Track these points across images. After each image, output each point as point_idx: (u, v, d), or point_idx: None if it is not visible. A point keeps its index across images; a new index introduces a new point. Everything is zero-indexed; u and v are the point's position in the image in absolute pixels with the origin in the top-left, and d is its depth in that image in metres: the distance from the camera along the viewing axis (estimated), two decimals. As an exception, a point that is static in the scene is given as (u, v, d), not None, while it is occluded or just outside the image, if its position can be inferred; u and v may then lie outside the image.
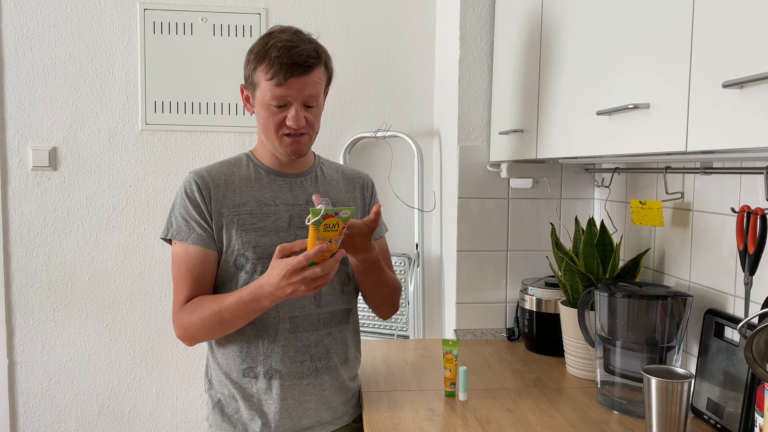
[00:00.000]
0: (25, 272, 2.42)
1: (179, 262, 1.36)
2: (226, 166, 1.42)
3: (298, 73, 1.29)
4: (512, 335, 2.04)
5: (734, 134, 0.86)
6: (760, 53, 0.81)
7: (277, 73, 1.28)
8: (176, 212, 1.37)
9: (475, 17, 2.07)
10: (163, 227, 1.39)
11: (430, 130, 2.53)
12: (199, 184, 1.36)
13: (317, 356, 1.39)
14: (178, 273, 1.36)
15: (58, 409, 2.48)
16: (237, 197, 1.38)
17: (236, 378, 1.38)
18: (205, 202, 1.36)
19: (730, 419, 1.29)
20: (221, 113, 2.45)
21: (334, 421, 1.43)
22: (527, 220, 2.10)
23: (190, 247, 1.35)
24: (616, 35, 1.23)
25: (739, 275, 1.36)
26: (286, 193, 1.41)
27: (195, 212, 1.35)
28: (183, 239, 1.35)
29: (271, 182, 1.41)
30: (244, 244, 1.35)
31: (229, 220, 1.36)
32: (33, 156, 2.38)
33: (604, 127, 1.26)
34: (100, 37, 2.40)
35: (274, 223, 1.38)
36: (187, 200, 1.36)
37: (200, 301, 1.33)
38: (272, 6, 2.45)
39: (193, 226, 1.35)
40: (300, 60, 1.29)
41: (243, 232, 1.36)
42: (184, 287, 1.36)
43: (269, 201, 1.39)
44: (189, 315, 1.33)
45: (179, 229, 1.36)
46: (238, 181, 1.40)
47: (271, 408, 1.37)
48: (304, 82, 1.30)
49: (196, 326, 1.32)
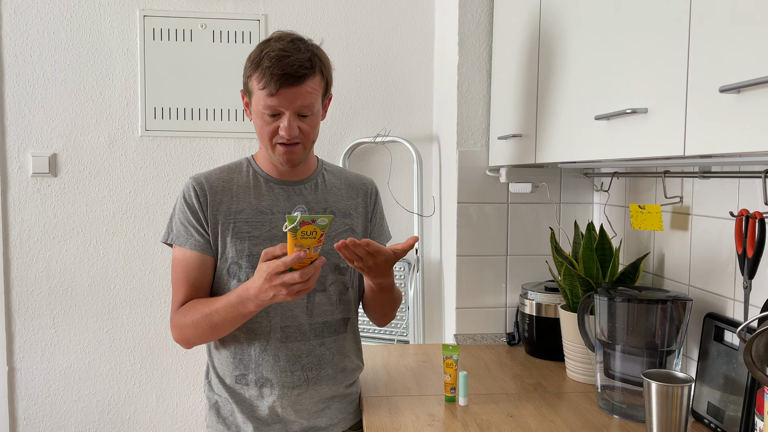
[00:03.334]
0: (25, 278, 2.42)
1: (178, 266, 1.38)
2: (226, 172, 1.43)
3: (289, 83, 1.27)
4: (512, 340, 2.04)
5: (732, 138, 0.86)
6: (757, 58, 0.81)
7: (268, 83, 1.27)
8: (176, 217, 1.39)
9: (473, 23, 2.07)
10: (164, 231, 1.41)
11: (430, 135, 2.54)
12: (197, 190, 1.37)
13: (308, 366, 1.39)
14: (176, 277, 1.38)
15: (58, 415, 2.47)
16: (234, 204, 1.38)
17: (230, 383, 1.39)
18: (202, 208, 1.37)
19: (731, 423, 1.29)
20: (221, 119, 2.46)
21: (329, 427, 1.43)
22: (527, 225, 2.10)
23: (188, 252, 1.36)
24: (614, 40, 1.23)
25: (738, 279, 1.36)
26: (284, 201, 1.40)
27: (193, 218, 1.36)
28: (182, 244, 1.37)
29: (269, 190, 1.41)
30: (237, 252, 1.35)
31: (225, 228, 1.36)
32: (33, 162, 2.38)
33: (602, 131, 1.26)
34: (100, 43, 2.40)
35: (269, 231, 1.37)
36: (186, 206, 1.37)
37: (194, 305, 1.35)
38: (271, 12, 2.46)
39: (191, 232, 1.36)
40: (291, 71, 1.26)
41: (237, 240, 1.36)
42: (180, 291, 1.37)
43: (266, 209, 1.39)
44: (183, 317, 1.35)
45: (178, 234, 1.38)
46: (236, 188, 1.40)
47: (263, 414, 1.38)
48: (295, 92, 1.28)
49: (189, 329, 1.34)
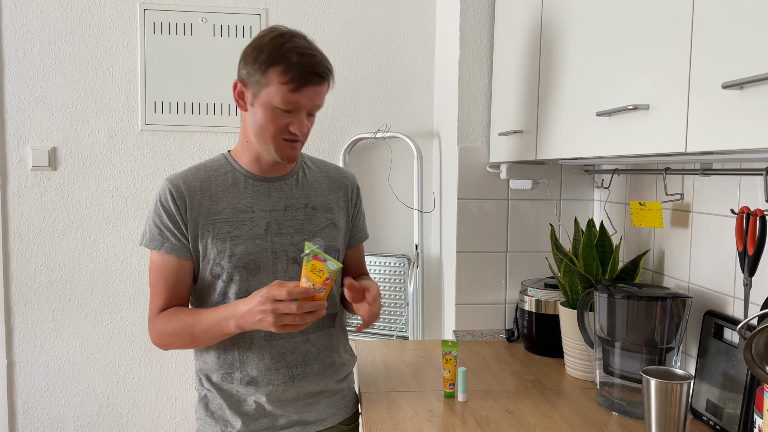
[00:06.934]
0: (25, 272, 2.42)
1: (155, 270, 1.36)
2: (203, 172, 1.39)
3: (315, 82, 1.29)
4: (511, 336, 2.04)
5: (734, 135, 0.86)
6: (760, 54, 0.81)
7: (295, 78, 1.26)
8: (150, 220, 1.36)
9: (475, 18, 2.07)
10: (140, 235, 1.40)
11: (430, 131, 2.53)
12: (173, 194, 1.34)
13: (293, 363, 1.39)
14: (154, 281, 1.37)
15: (57, 409, 2.47)
16: (213, 205, 1.36)
17: (216, 380, 1.40)
18: (180, 212, 1.33)
19: (730, 420, 1.29)
20: (221, 113, 2.45)
21: (318, 421, 1.43)
22: (527, 221, 2.09)
23: (165, 256, 1.34)
24: (616, 36, 1.23)
25: (738, 276, 1.35)
26: (264, 198, 1.38)
27: (170, 222, 1.33)
28: (156, 248, 1.34)
29: (249, 187, 1.38)
30: (219, 253, 1.34)
31: (205, 229, 1.34)
32: (32, 156, 2.38)
33: (603, 128, 1.26)
34: (100, 37, 2.40)
35: (250, 230, 1.36)
36: (162, 210, 1.34)
37: (176, 313, 1.34)
38: (272, 7, 2.45)
39: (167, 236, 1.34)
40: (319, 70, 1.29)
41: (218, 241, 1.34)
42: (159, 296, 1.36)
43: (246, 208, 1.37)
44: (164, 324, 1.34)
45: (153, 238, 1.35)
46: (214, 188, 1.37)
47: (250, 409, 1.38)
48: (316, 91, 1.30)
49: (169, 336, 1.34)
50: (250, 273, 1.35)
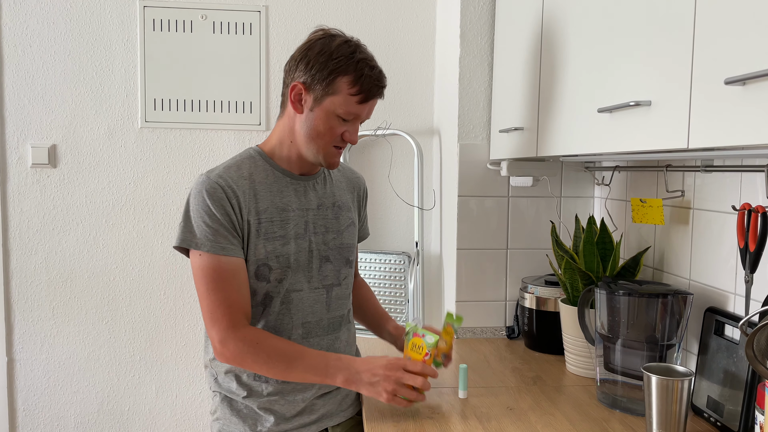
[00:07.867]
0: (25, 270, 2.42)
1: (213, 275, 1.26)
2: (245, 170, 1.34)
3: (379, 95, 1.35)
4: (512, 333, 2.04)
5: (736, 131, 0.86)
6: (763, 49, 0.81)
7: (364, 90, 1.29)
8: (200, 221, 1.27)
9: (475, 15, 2.06)
10: (180, 235, 1.29)
11: (430, 128, 2.53)
12: (226, 192, 1.28)
13: None
14: (216, 286, 1.26)
15: (57, 406, 2.47)
16: (259, 203, 1.32)
17: (246, 380, 1.37)
18: (234, 211, 1.28)
19: (731, 417, 1.29)
20: (221, 111, 2.45)
21: (339, 413, 1.45)
22: (527, 219, 2.09)
23: (223, 258, 1.26)
24: (617, 32, 1.22)
25: (739, 273, 1.35)
26: (301, 197, 1.39)
27: (224, 221, 1.27)
28: (216, 252, 1.26)
29: (285, 186, 1.37)
30: (268, 253, 1.31)
31: (255, 228, 1.31)
32: (32, 153, 2.38)
33: (605, 124, 1.26)
34: (99, 34, 2.39)
35: (294, 230, 1.35)
36: (214, 209, 1.26)
37: (273, 341, 1.29)
38: (272, 3, 2.44)
39: (226, 236, 1.27)
40: (384, 83, 1.35)
41: (266, 240, 1.31)
42: (231, 303, 1.27)
43: (287, 206, 1.36)
44: (265, 339, 1.28)
45: (207, 240, 1.26)
46: (258, 186, 1.34)
47: (281, 407, 1.38)
48: (374, 104, 1.36)
49: (265, 352, 1.27)
50: (293, 273, 1.35)
